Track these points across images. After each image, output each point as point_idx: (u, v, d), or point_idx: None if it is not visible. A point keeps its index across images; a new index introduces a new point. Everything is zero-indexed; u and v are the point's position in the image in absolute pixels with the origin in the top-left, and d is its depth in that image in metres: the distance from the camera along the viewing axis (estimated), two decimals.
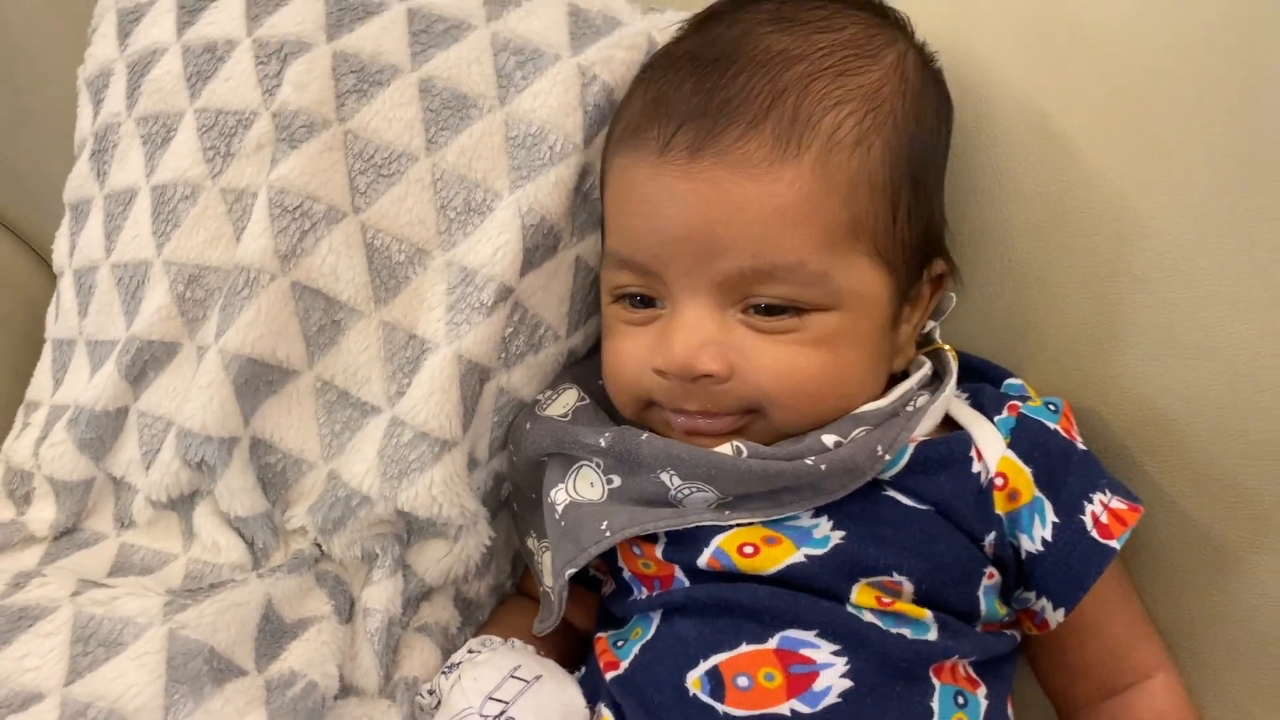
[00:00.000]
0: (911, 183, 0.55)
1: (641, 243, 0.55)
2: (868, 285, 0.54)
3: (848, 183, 0.52)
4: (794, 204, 0.51)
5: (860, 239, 0.53)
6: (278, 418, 0.61)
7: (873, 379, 0.56)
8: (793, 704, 0.50)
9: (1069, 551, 0.54)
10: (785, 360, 0.53)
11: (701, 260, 0.53)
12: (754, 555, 0.53)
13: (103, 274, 0.66)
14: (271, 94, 0.62)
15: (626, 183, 0.56)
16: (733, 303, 0.54)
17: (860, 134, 0.53)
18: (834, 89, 0.53)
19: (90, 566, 0.62)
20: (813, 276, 0.52)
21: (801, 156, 0.52)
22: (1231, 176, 0.56)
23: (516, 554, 0.70)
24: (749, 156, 0.51)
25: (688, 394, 0.55)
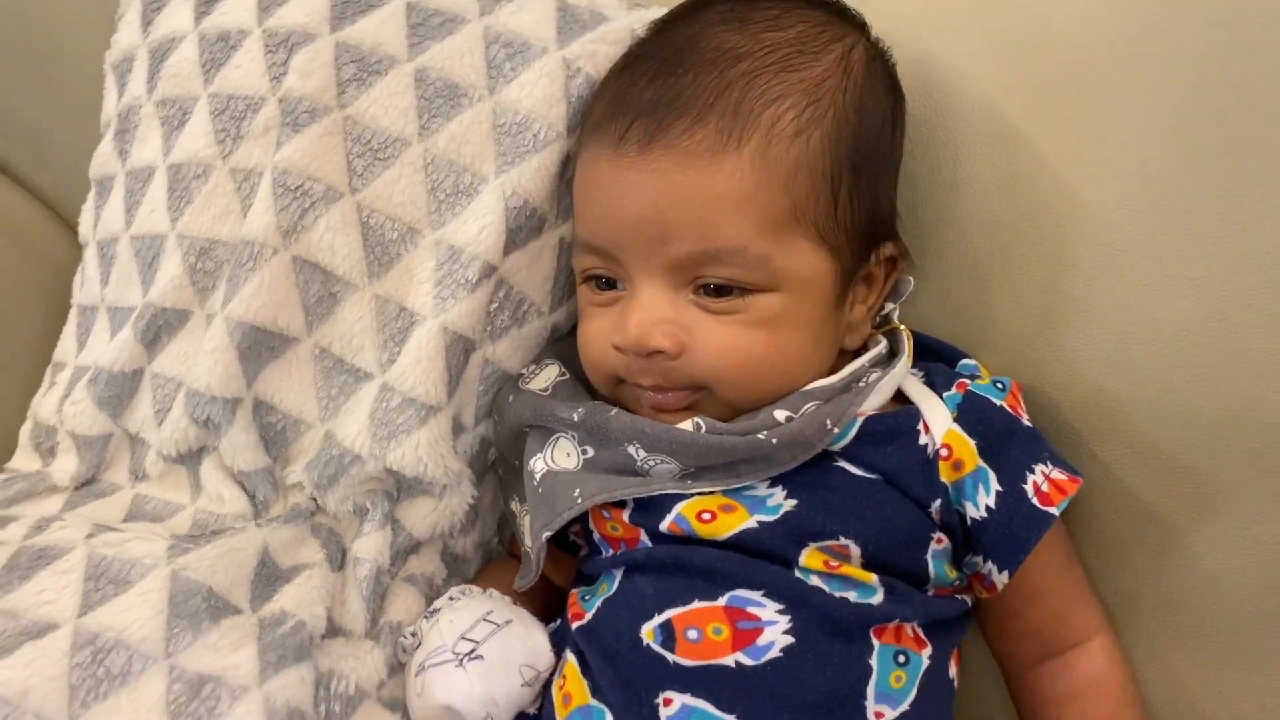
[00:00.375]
0: (853, 170, 0.58)
1: (601, 229, 0.59)
2: (809, 267, 0.58)
3: (787, 171, 0.56)
4: (735, 192, 0.55)
5: (801, 223, 0.57)
6: (278, 381, 0.66)
7: (816, 357, 0.60)
8: (737, 656, 0.54)
9: (1011, 517, 0.57)
10: (729, 340, 0.57)
11: (654, 245, 0.57)
12: (711, 521, 0.57)
13: (122, 245, 0.71)
14: (279, 81, 0.67)
15: (589, 173, 0.60)
16: (684, 284, 0.58)
17: (799, 126, 0.56)
18: (775, 84, 0.57)
19: (106, 515, 0.67)
20: (754, 259, 0.56)
21: (742, 148, 0.55)
22: (1173, 172, 0.60)
23: (503, 514, 0.74)
24: (694, 148, 0.55)
25: (643, 369, 0.59)
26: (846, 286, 0.60)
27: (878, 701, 0.55)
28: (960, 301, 0.67)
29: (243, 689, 0.55)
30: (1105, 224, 0.62)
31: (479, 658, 0.59)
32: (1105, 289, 0.62)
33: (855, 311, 0.62)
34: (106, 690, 0.54)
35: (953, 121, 0.66)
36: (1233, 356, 0.59)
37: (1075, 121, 0.62)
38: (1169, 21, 0.60)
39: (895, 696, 0.55)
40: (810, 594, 0.55)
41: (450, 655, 0.59)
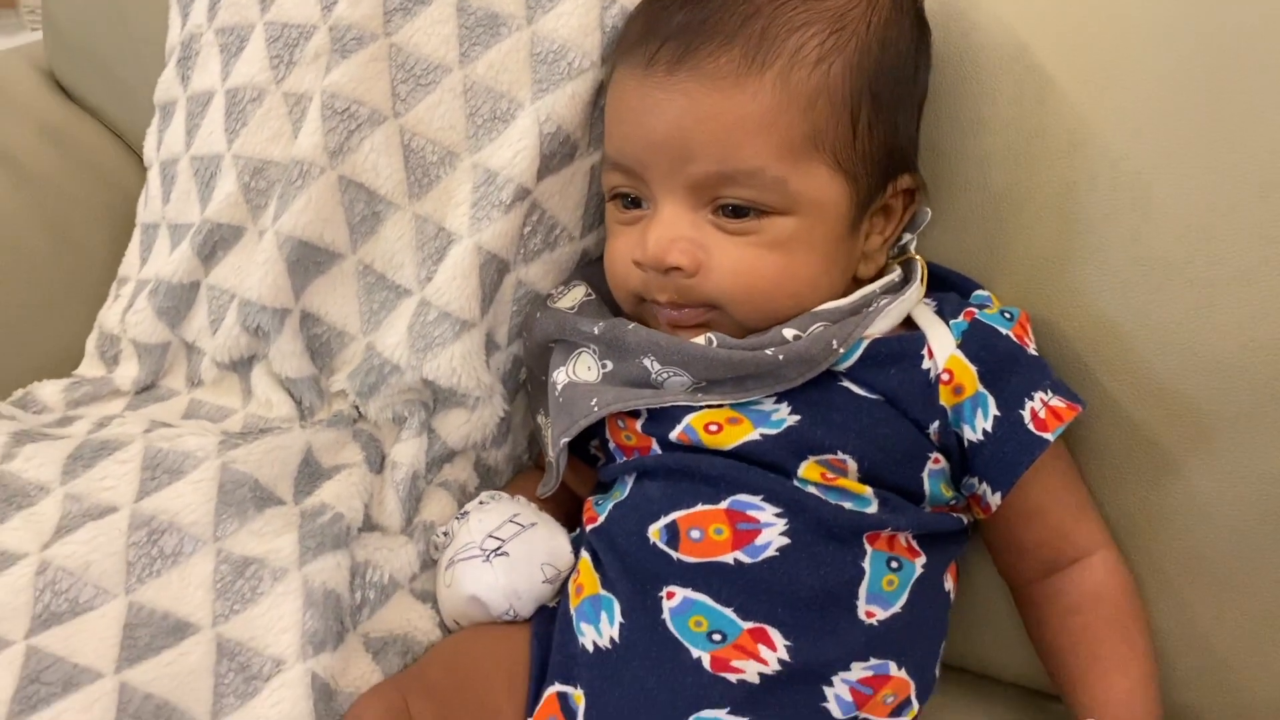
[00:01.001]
0: (873, 99, 0.60)
1: (627, 147, 0.62)
2: (825, 193, 0.60)
3: (807, 97, 0.58)
4: (756, 115, 0.58)
5: (820, 149, 0.59)
6: (324, 294, 0.70)
7: (827, 281, 0.62)
8: (736, 554, 0.58)
9: (1006, 440, 0.59)
10: (743, 261, 0.60)
11: (676, 164, 0.60)
12: (717, 433, 0.60)
13: (183, 166, 0.75)
14: (329, 9, 0.70)
15: (619, 93, 0.63)
16: (703, 204, 0.60)
17: (822, 53, 0.58)
18: (801, 11, 0.59)
19: (164, 417, 0.72)
20: (772, 182, 0.59)
21: (765, 72, 0.58)
22: (1192, 103, 0.61)
23: (533, 431, 0.78)
24: (719, 70, 0.58)
25: (661, 285, 0.62)
26: (861, 214, 0.62)
27: (869, 602, 0.58)
28: (977, 234, 0.68)
29: (283, 570, 0.60)
30: (1123, 155, 0.63)
31: (504, 554, 0.63)
32: (1119, 222, 0.63)
33: (871, 241, 0.64)
34: (160, 568, 0.59)
35: (977, 57, 0.67)
36: (1240, 290, 0.60)
37: (1097, 55, 0.64)
38: None
39: (886, 599, 0.58)
40: (807, 500, 0.58)
41: (478, 551, 0.63)
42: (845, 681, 0.57)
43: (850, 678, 0.57)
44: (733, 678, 0.56)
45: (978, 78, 0.67)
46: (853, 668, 0.58)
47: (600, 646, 0.59)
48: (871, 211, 0.63)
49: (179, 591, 0.58)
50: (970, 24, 0.67)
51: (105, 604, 0.57)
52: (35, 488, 0.62)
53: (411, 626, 0.63)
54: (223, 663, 0.57)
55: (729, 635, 0.57)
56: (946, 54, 0.67)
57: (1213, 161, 0.61)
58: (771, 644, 0.57)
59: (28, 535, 0.59)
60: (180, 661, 0.56)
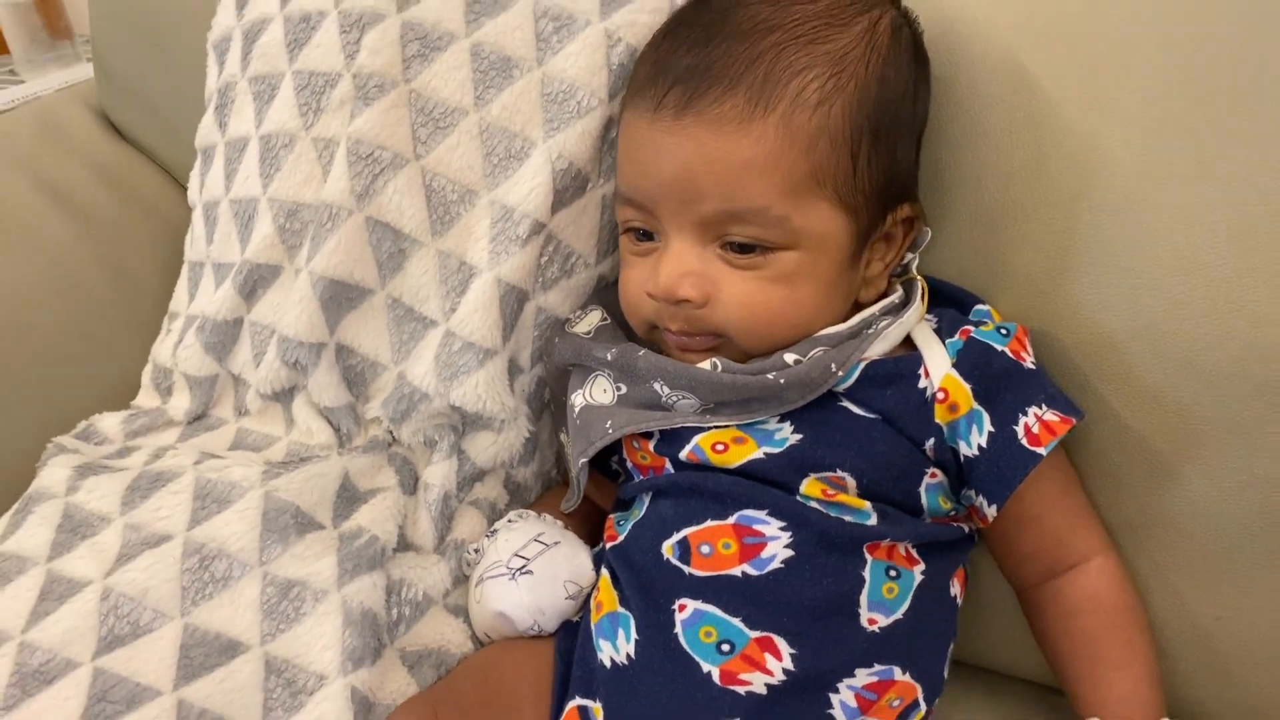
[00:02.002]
0: (872, 136, 0.62)
1: (639, 185, 0.65)
2: (827, 227, 0.63)
3: (809, 138, 0.61)
4: (760, 157, 0.61)
5: (822, 186, 0.62)
6: (357, 328, 0.75)
7: (829, 309, 0.65)
8: (744, 567, 0.61)
9: (999, 456, 0.62)
10: (749, 294, 0.63)
11: (685, 203, 0.63)
12: (724, 452, 0.64)
13: (223, 208, 0.80)
14: (352, 58, 0.75)
15: (630, 134, 0.66)
16: (712, 239, 0.64)
17: (823, 95, 0.61)
18: (802, 55, 0.61)
19: (214, 446, 0.78)
20: (775, 219, 0.61)
21: (768, 116, 0.60)
22: (1184, 117, 0.63)
23: (560, 448, 0.82)
24: (724, 115, 0.61)
25: (672, 315, 0.65)
26: (862, 245, 0.65)
27: (870, 609, 0.61)
28: (977, 250, 0.70)
29: (324, 591, 0.64)
30: (1117, 169, 0.65)
31: (529, 572, 0.67)
32: (1114, 235, 0.65)
33: (872, 268, 0.67)
34: (211, 591, 0.64)
35: (973, 74, 0.69)
36: (1235, 301, 0.62)
37: (1090, 71, 0.65)
38: None
39: (888, 605, 0.62)
40: (809, 514, 0.61)
41: (505, 570, 0.67)
42: (850, 688, 0.60)
43: (855, 684, 0.60)
44: (741, 690, 0.60)
45: (974, 97, 0.69)
46: (857, 674, 0.61)
47: (617, 662, 0.63)
48: (873, 241, 0.66)
49: (229, 613, 0.63)
50: (966, 46, 0.69)
51: (163, 626, 0.62)
52: (98, 518, 0.68)
53: (445, 640, 0.68)
54: (270, 679, 0.62)
55: (737, 645, 0.60)
56: (944, 75, 0.69)
57: (1203, 176, 0.62)
58: (778, 653, 0.60)
59: (92, 564, 0.65)
60: (232, 678, 0.61)
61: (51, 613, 0.63)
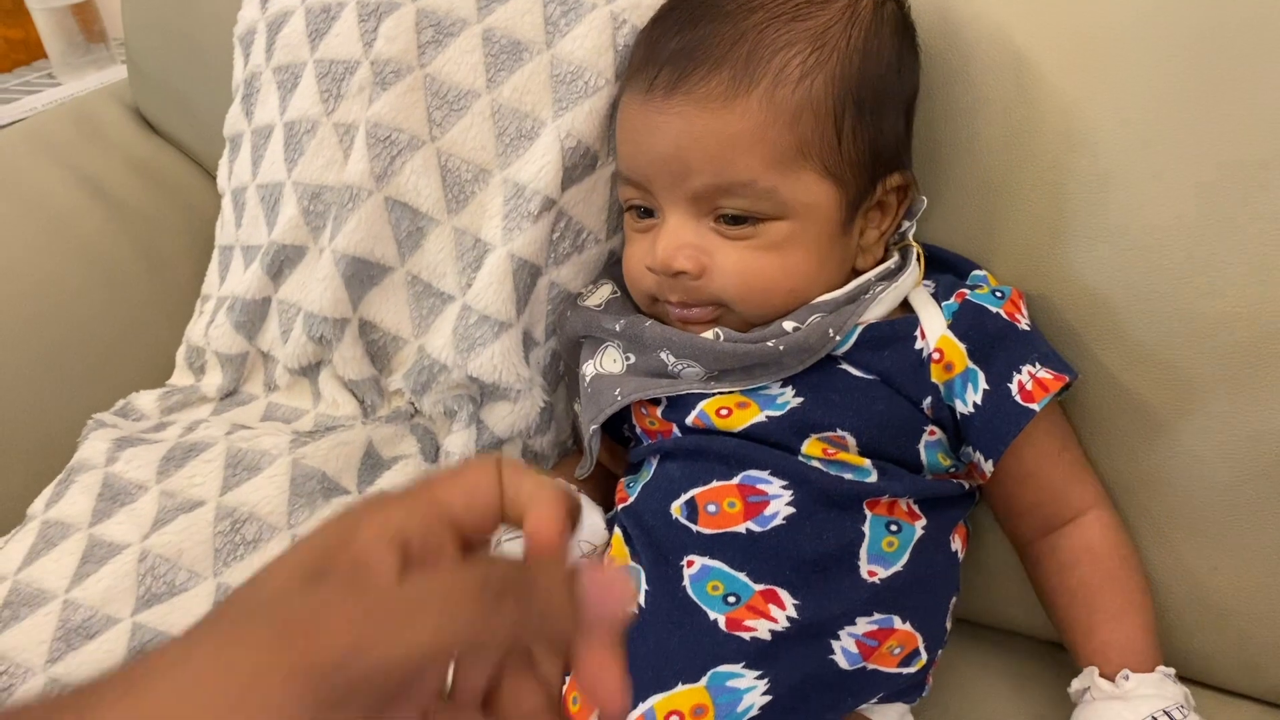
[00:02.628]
0: (856, 108, 0.65)
1: (634, 164, 0.68)
2: (815, 197, 0.65)
3: (792, 112, 0.63)
4: (745, 132, 0.63)
5: (808, 158, 0.64)
6: (379, 304, 0.78)
7: (823, 276, 0.67)
8: (748, 524, 0.64)
9: (994, 412, 0.64)
10: (743, 263, 0.65)
11: (677, 179, 0.65)
12: (728, 416, 0.66)
13: (250, 193, 0.84)
14: (370, 45, 0.78)
15: (626, 116, 0.69)
16: (705, 213, 0.66)
17: (804, 70, 0.63)
18: (784, 33, 0.64)
19: (246, 417, 0.81)
20: (764, 191, 0.64)
21: (751, 92, 0.63)
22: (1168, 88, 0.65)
23: (575, 418, 0.85)
24: (710, 93, 0.63)
25: (671, 287, 0.68)
26: (853, 213, 0.67)
27: (870, 562, 0.63)
28: (973, 217, 0.72)
29: None
30: (1104, 139, 0.67)
31: None
32: (1105, 201, 0.67)
33: (867, 236, 0.69)
34: (243, 553, 0.68)
35: (966, 49, 0.71)
36: (1222, 263, 0.64)
37: (1077, 43, 0.68)
38: None
39: (888, 558, 0.64)
40: (810, 473, 0.64)
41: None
42: (851, 635, 0.63)
43: (856, 631, 0.63)
44: (746, 635, 0.62)
45: (968, 69, 0.71)
46: (858, 622, 0.63)
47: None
48: (865, 209, 0.68)
49: None
50: (961, 20, 0.71)
51: (197, 586, 0.66)
52: (135, 486, 0.72)
53: None
54: None
55: (742, 597, 0.63)
56: (938, 47, 0.71)
57: (1194, 143, 0.64)
58: (781, 603, 0.63)
59: (131, 528, 0.69)
60: None
61: (93, 574, 0.67)
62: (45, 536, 0.70)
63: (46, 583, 0.67)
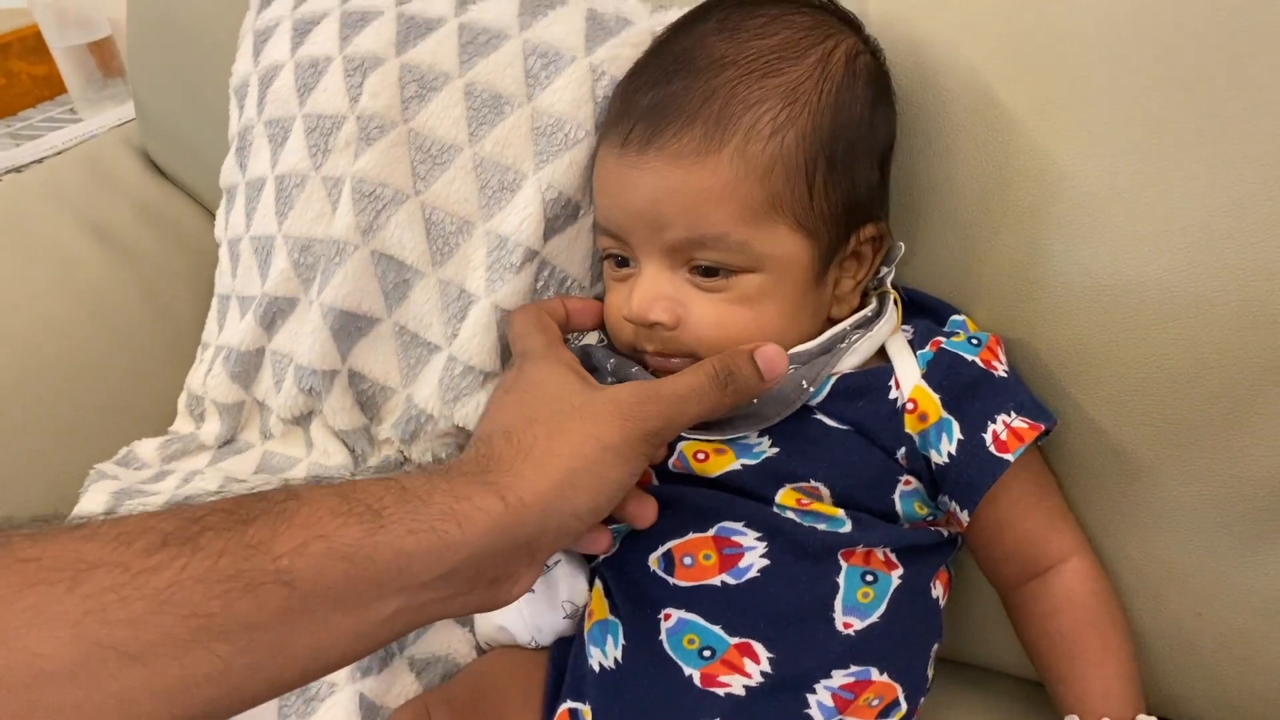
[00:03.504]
0: (827, 162, 0.65)
1: (611, 216, 0.69)
2: (788, 250, 0.65)
3: (763, 167, 0.64)
4: (717, 187, 0.64)
5: (780, 212, 0.65)
6: (367, 355, 0.80)
7: (796, 328, 0.67)
8: (723, 577, 0.64)
9: (968, 463, 0.64)
10: (716, 315, 0.66)
11: (653, 232, 0.66)
12: (704, 461, 0.67)
13: (244, 245, 0.86)
14: (356, 100, 0.79)
15: (602, 169, 0.70)
16: (680, 264, 0.67)
17: (775, 126, 0.64)
18: (755, 89, 0.64)
19: (241, 468, 0.83)
20: (736, 244, 0.64)
21: (723, 148, 0.63)
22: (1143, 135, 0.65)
23: None
24: (682, 149, 0.64)
25: (648, 338, 0.68)
26: (826, 265, 0.67)
27: (845, 614, 0.64)
28: (952, 260, 0.72)
29: None
30: (1080, 185, 0.67)
31: (530, 591, 0.71)
32: (1082, 246, 0.67)
33: (842, 285, 0.69)
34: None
35: (942, 95, 0.71)
36: (1201, 308, 0.64)
37: (1050, 90, 0.67)
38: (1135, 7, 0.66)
39: (863, 609, 0.64)
40: (783, 524, 0.64)
41: None
42: (827, 688, 0.63)
43: (832, 684, 0.63)
44: (720, 691, 0.63)
45: (942, 113, 0.71)
46: (834, 675, 0.63)
47: (605, 666, 0.67)
48: (840, 260, 0.68)
49: None
50: (934, 65, 0.71)
51: None
52: None
53: (451, 649, 0.72)
54: None
55: (717, 650, 0.64)
56: (913, 93, 0.72)
57: (1158, 191, 0.64)
58: (756, 657, 0.63)
59: None
60: None
61: None
62: None
63: None
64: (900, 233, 0.73)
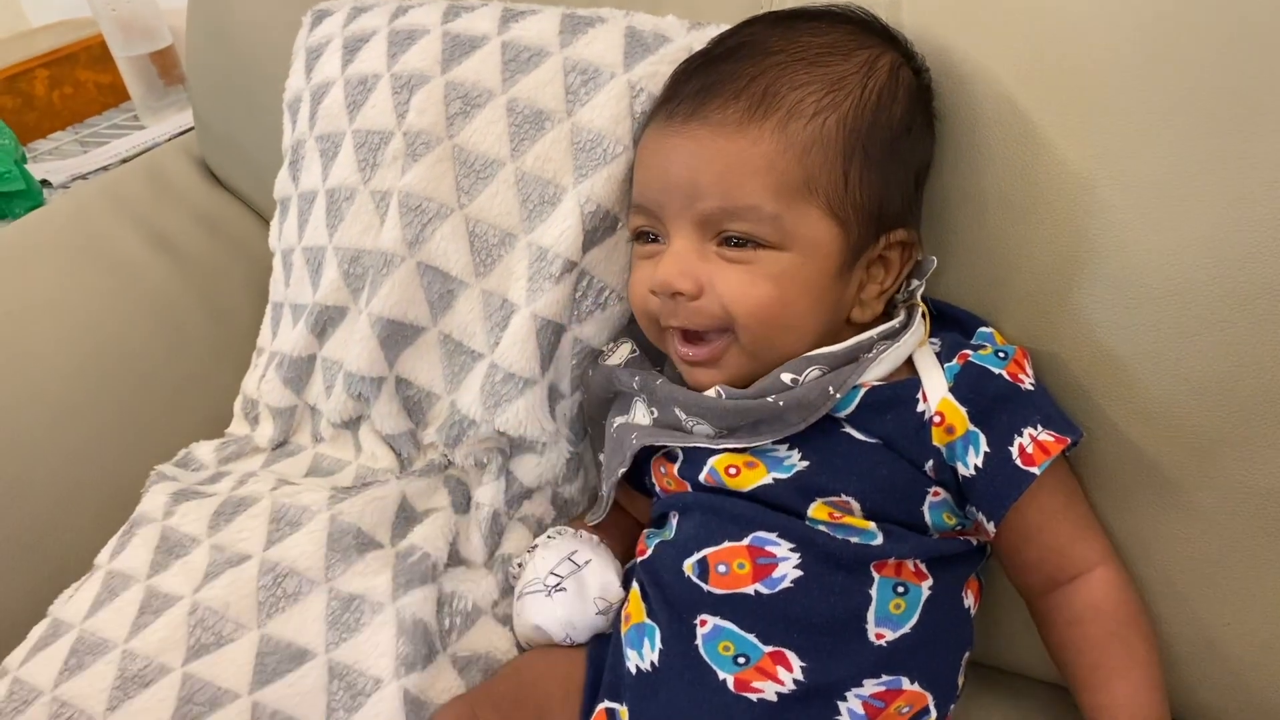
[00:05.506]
0: (864, 155, 0.66)
1: (649, 189, 0.71)
2: (817, 234, 0.66)
3: (803, 145, 0.65)
4: (755, 158, 0.65)
5: (814, 193, 0.66)
6: (413, 362, 0.82)
7: (815, 318, 0.68)
8: (757, 586, 0.66)
9: (994, 476, 0.65)
10: (740, 285, 0.67)
11: (687, 200, 0.67)
12: (736, 475, 0.69)
13: (297, 255, 0.89)
14: (403, 117, 0.82)
15: (645, 146, 0.72)
16: (710, 237, 0.68)
17: (818, 108, 0.66)
18: (803, 73, 0.66)
19: (293, 470, 0.86)
20: (768, 217, 0.66)
21: (765, 121, 0.65)
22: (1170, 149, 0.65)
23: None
24: (726, 120, 0.66)
25: (671, 310, 0.70)
26: (853, 260, 0.68)
27: (878, 625, 0.65)
28: (981, 273, 0.73)
29: (380, 604, 0.72)
30: (1107, 199, 0.67)
31: (563, 590, 0.73)
32: (1110, 260, 0.68)
33: (868, 290, 0.71)
34: (284, 605, 0.72)
35: (973, 109, 0.72)
36: (1229, 320, 0.64)
37: (1079, 105, 0.68)
38: (1164, 10, 0.66)
39: (895, 621, 0.66)
40: (816, 536, 0.66)
41: (541, 587, 0.74)
42: (858, 696, 0.65)
43: (863, 693, 0.65)
44: (754, 697, 0.65)
45: (973, 129, 0.72)
46: (865, 684, 0.65)
47: (642, 669, 0.69)
48: (867, 261, 0.70)
49: (299, 624, 0.72)
50: (966, 81, 0.72)
51: (242, 637, 0.71)
52: (189, 540, 0.77)
53: (492, 646, 0.75)
54: (334, 683, 0.69)
55: (752, 658, 0.65)
56: (946, 108, 0.73)
57: (1188, 199, 0.65)
58: (789, 665, 0.65)
59: (184, 580, 0.74)
60: (300, 683, 0.69)
61: (149, 625, 0.72)
62: (109, 587, 0.76)
63: (108, 632, 0.72)
64: (930, 245, 0.74)
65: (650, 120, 0.73)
